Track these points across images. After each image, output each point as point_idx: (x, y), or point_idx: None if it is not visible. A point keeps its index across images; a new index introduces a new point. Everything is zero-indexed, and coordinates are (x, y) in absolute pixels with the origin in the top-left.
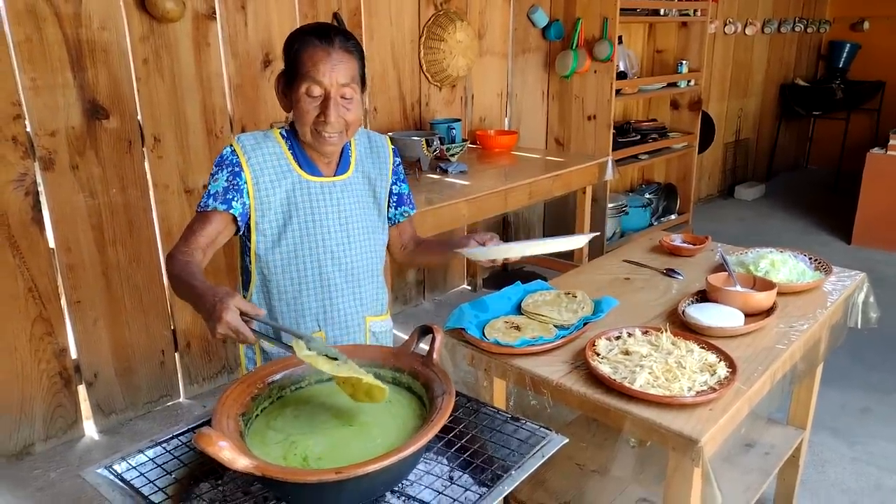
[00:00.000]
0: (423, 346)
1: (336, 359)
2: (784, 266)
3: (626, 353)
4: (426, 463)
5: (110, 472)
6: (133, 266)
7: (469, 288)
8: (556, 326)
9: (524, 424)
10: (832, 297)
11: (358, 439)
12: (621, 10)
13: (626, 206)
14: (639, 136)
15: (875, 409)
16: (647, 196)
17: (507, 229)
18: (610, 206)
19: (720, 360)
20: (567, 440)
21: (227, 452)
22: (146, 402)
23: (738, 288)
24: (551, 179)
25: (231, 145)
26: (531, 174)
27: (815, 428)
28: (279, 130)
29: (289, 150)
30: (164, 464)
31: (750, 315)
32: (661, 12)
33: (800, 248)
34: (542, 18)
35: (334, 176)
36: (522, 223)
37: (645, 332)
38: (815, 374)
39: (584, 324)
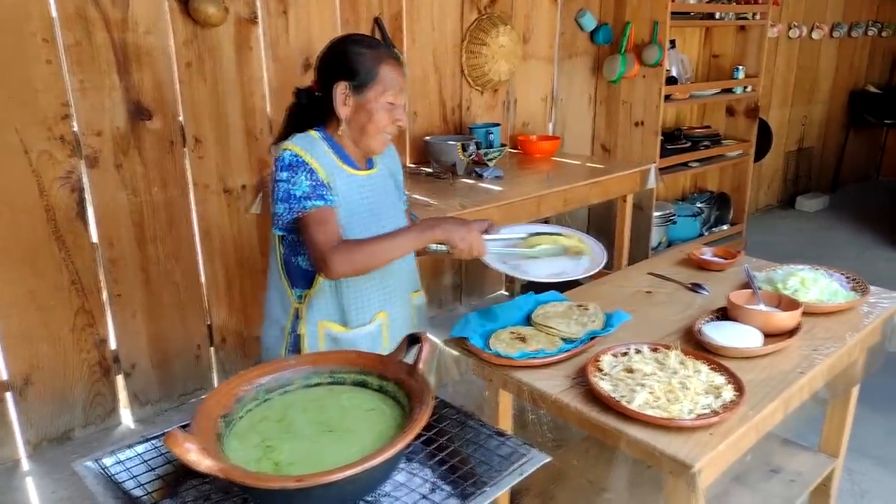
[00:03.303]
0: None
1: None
2: (815, 285)
3: (630, 370)
4: (408, 474)
5: (98, 465)
6: (172, 262)
7: (507, 293)
8: (563, 339)
9: (507, 440)
10: (867, 319)
11: (335, 447)
12: (674, 13)
13: (673, 215)
14: (689, 144)
15: None
16: (699, 205)
17: None
18: (656, 214)
19: (728, 383)
20: (549, 458)
21: (193, 454)
22: (181, 395)
23: (760, 307)
24: (588, 186)
25: (289, 150)
26: (569, 181)
27: (857, 455)
28: (314, 131)
29: (329, 147)
30: (150, 459)
31: (772, 336)
32: (717, 16)
33: (859, 264)
34: (590, 22)
35: (367, 170)
36: None
37: (654, 350)
38: (850, 399)
39: (592, 338)
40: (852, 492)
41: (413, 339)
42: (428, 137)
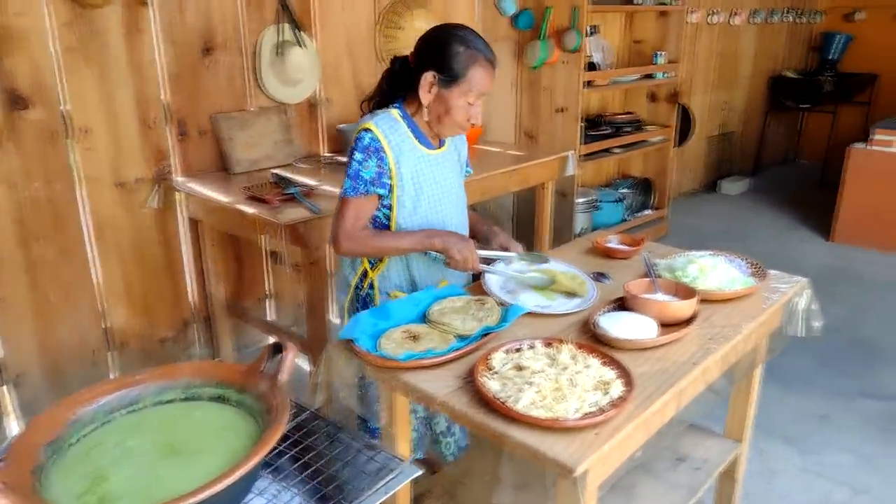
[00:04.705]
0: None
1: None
2: (714, 271)
3: (520, 368)
4: (272, 496)
5: None
6: (61, 262)
7: None
8: (457, 337)
9: (377, 455)
10: (765, 305)
11: (176, 473)
12: None
13: (597, 202)
14: (611, 130)
15: (834, 416)
16: (622, 191)
17: None
18: (580, 201)
19: (618, 378)
20: (420, 472)
21: None
22: None
23: (656, 296)
24: (507, 175)
25: (369, 129)
26: (488, 169)
27: (767, 436)
28: (395, 110)
29: (408, 127)
30: None
31: (669, 325)
32: (637, 1)
33: (779, 244)
34: (510, 7)
35: (438, 148)
36: (491, 218)
37: (548, 345)
38: (752, 383)
39: (485, 334)
40: (762, 472)
41: (277, 347)
42: (342, 125)
